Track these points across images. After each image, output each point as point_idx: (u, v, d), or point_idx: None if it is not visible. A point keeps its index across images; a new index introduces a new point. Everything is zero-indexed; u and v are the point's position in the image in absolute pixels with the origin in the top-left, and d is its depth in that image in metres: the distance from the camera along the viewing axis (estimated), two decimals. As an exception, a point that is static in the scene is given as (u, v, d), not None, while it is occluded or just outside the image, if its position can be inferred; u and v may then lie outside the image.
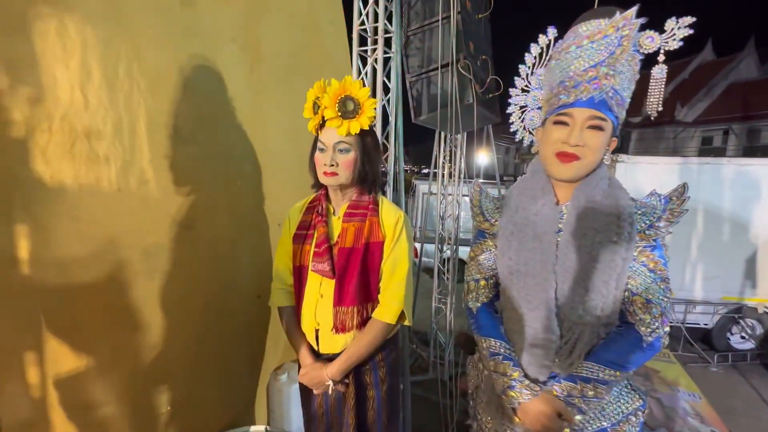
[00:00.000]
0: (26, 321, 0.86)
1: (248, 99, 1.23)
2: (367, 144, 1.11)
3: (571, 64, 0.90)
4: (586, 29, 0.91)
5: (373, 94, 2.61)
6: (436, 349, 4.25)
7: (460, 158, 3.65)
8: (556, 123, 0.94)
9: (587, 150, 0.92)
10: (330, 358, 1.12)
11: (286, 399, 1.52)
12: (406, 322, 1.13)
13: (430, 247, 6.12)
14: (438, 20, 2.57)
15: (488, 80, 2.78)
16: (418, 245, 6.42)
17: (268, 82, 1.33)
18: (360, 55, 2.54)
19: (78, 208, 0.88)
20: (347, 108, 1.04)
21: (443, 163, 3.70)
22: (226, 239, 1.25)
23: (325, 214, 1.15)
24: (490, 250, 1.09)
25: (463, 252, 4.73)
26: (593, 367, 0.91)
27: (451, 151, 3.68)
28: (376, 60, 2.49)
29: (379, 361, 1.15)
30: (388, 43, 2.52)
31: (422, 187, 6.13)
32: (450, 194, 3.88)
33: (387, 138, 2.64)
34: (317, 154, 1.10)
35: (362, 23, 2.49)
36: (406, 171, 3.43)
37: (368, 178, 1.12)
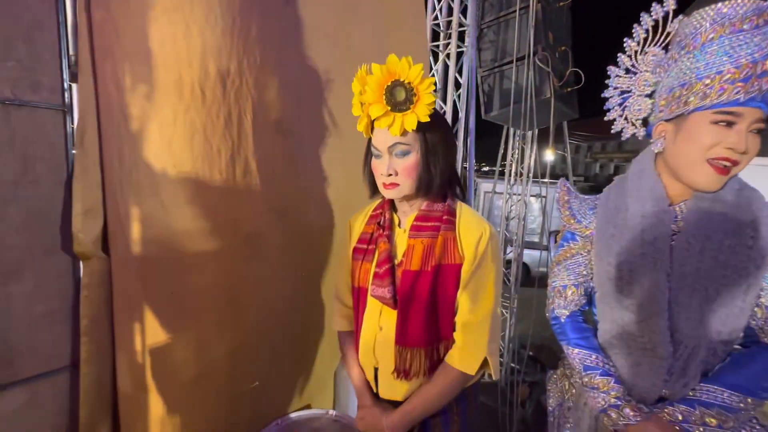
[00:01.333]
0: (142, 291, 0.97)
1: (339, 92, 1.27)
2: (432, 139, 0.85)
3: (737, 53, 0.75)
4: (734, 11, 0.78)
5: (444, 91, 2.57)
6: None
7: (530, 156, 3.47)
8: (716, 122, 0.78)
9: (746, 158, 0.78)
10: (392, 403, 0.92)
11: (351, 387, 1.57)
12: (491, 373, 0.89)
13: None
14: (515, 11, 2.46)
15: (567, 73, 2.60)
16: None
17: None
18: (432, 50, 2.52)
19: (195, 195, 0.97)
20: (397, 98, 0.80)
21: (510, 161, 3.55)
22: (315, 229, 1.31)
23: (389, 227, 0.92)
24: (581, 253, 1.00)
25: (527, 255, 4.47)
26: (716, 390, 0.79)
27: (521, 148, 3.51)
28: (448, 55, 2.45)
29: (452, 415, 0.93)
30: (460, 37, 2.47)
31: (484, 185, 5.93)
32: (516, 194, 3.71)
33: (456, 136, 2.59)
34: (374, 161, 0.89)
35: (435, 18, 2.47)
36: (466, 168, 3.34)
37: (436, 182, 0.87)
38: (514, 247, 3.68)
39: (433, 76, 2.55)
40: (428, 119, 0.82)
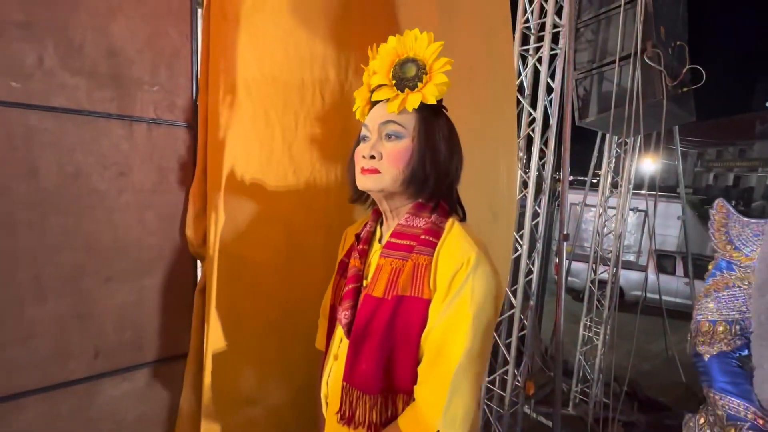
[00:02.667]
0: (231, 294, 1.01)
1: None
2: (434, 132, 0.69)
3: None
4: None
5: (533, 96, 2.42)
6: (580, 384, 3.72)
7: (630, 165, 3.10)
8: None
9: None
10: None
11: None
12: None
13: (578, 266, 5.43)
14: (619, 6, 2.23)
15: (683, 71, 2.28)
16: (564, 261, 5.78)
17: (456, 85, 1.34)
18: (521, 54, 2.39)
19: (314, 200, 1.02)
20: (406, 73, 0.68)
21: (607, 170, 3.21)
22: None
23: (367, 239, 0.78)
24: (739, 286, 0.89)
25: (621, 277, 3.97)
26: None
27: (619, 157, 3.16)
28: (539, 59, 2.31)
29: None
30: (554, 39, 2.31)
31: (571, 197, 5.47)
32: (612, 207, 3.33)
33: (546, 143, 2.41)
34: (359, 146, 0.73)
35: (526, 21, 2.34)
36: (556, 179, 3.09)
37: (429, 184, 0.69)
38: (609, 267, 3.30)
39: (521, 82, 2.41)
40: (435, 102, 0.69)
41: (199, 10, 1.05)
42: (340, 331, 0.76)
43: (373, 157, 0.68)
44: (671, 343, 3.65)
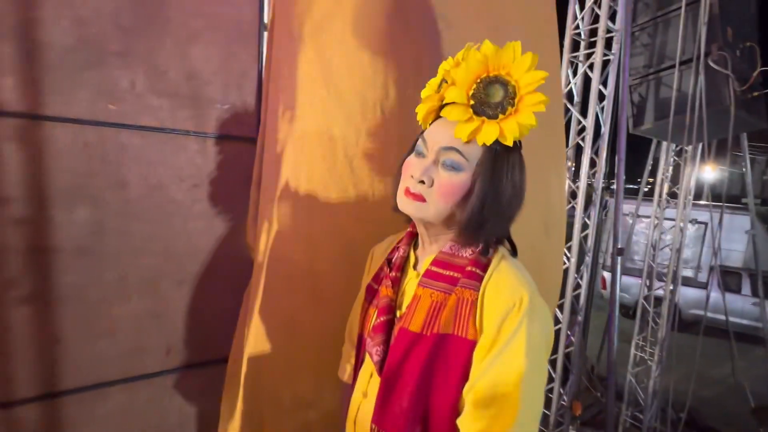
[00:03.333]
0: (283, 299, 1.05)
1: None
2: (503, 168, 0.60)
3: None
4: None
5: (583, 104, 2.35)
6: (630, 407, 3.48)
7: (690, 175, 2.90)
8: None
9: None
10: None
11: None
12: None
13: (628, 281, 5.11)
14: (679, 7, 2.12)
15: (754, 75, 2.11)
16: (607, 273, 5.44)
17: None
18: (570, 61, 2.33)
19: (373, 212, 1.02)
20: (490, 97, 0.58)
21: (663, 179, 3.02)
22: None
23: (400, 266, 0.70)
24: None
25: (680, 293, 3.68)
26: None
27: (678, 165, 2.97)
28: (591, 66, 2.23)
29: None
30: (606, 44, 2.23)
31: (624, 207, 5.19)
32: (670, 219, 3.12)
33: (597, 153, 2.32)
34: (411, 158, 0.65)
35: (576, 27, 2.28)
36: (607, 188, 2.96)
37: (485, 229, 0.61)
38: (666, 282, 3.08)
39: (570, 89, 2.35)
40: (511, 144, 0.58)
41: (266, 33, 1.13)
42: (369, 366, 0.69)
43: (422, 182, 0.60)
44: (738, 368, 3.34)
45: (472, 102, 0.59)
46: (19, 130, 0.87)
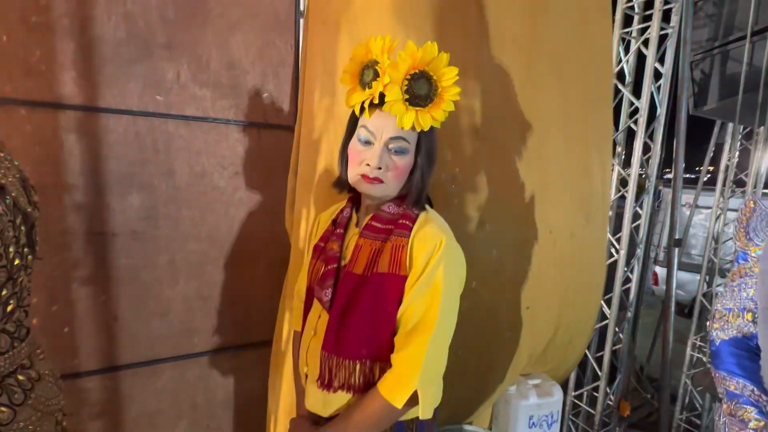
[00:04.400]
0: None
1: (526, 98, 1.20)
2: (429, 146, 0.77)
3: None
4: None
5: (635, 84, 2.17)
6: (685, 411, 3.24)
7: (760, 160, 2.60)
8: None
9: None
10: (316, 421, 0.82)
11: (512, 410, 1.47)
12: (420, 413, 0.73)
13: (684, 277, 4.73)
14: (753, -29, 1.89)
15: None
16: (660, 269, 5.03)
17: (543, 81, 1.26)
18: (621, 38, 2.15)
19: None
20: (419, 91, 0.72)
21: (727, 165, 2.74)
22: (508, 243, 1.24)
23: (344, 225, 0.84)
24: (749, 274, 0.97)
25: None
26: None
27: (746, 150, 2.68)
28: (645, 41, 2.05)
29: None
30: (664, 17, 2.04)
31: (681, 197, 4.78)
32: (732, 209, 2.83)
33: (651, 137, 2.15)
34: (358, 146, 0.76)
35: (629, 0, 2.10)
36: (663, 178, 2.73)
37: (424, 193, 0.78)
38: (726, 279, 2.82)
39: (621, 67, 2.18)
40: (439, 126, 0.75)
41: (302, 21, 1.13)
42: (317, 309, 0.83)
43: (380, 168, 0.74)
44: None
45: (406, 96, 0.72)
46: (79, 122, 0.93)
